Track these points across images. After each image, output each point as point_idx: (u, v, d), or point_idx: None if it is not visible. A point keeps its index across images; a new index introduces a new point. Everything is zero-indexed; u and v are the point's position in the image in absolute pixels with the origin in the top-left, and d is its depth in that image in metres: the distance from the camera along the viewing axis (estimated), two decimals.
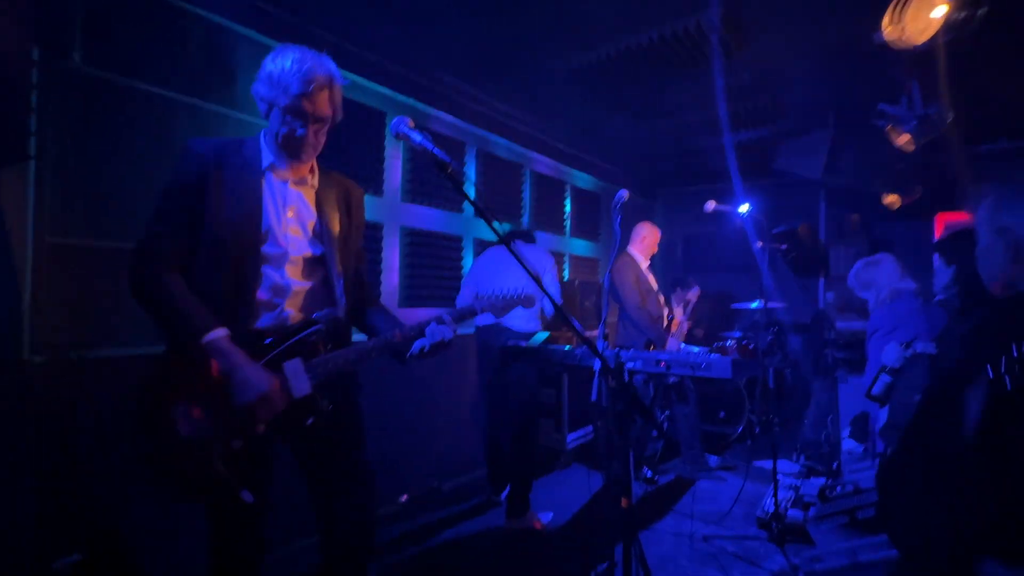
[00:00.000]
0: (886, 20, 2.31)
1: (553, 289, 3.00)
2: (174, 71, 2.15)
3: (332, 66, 1.41)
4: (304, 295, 1.45)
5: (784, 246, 4.55)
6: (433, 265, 3.44)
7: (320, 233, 1.48)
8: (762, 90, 3.65)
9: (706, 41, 2.91)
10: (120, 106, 2.01)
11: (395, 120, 1.36)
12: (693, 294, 4.48)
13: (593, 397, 1.98)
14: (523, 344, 2.72)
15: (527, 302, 1.59)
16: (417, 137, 1.33)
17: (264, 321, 1.41)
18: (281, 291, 1.42)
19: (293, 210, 1.46)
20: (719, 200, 3.24)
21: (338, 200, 1.54)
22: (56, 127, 1.86)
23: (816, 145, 4.04)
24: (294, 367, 1.36)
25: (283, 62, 1.36)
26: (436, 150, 1.29)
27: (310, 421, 1.38)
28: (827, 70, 3.32)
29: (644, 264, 3.88)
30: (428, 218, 3.44)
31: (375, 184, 3.08)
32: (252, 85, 1.42)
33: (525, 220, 4.32)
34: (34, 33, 1.76)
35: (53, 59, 1.84)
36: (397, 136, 1.37)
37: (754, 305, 4.39)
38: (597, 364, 2.01)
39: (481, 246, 3.82)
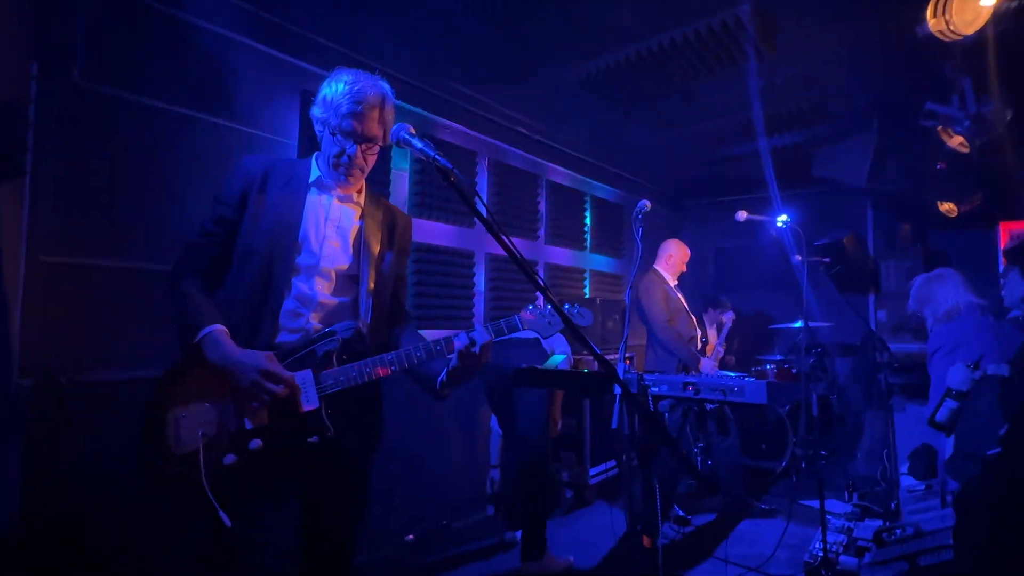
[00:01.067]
0: (930, 11, 2.29)
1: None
2: (173, 84, 2.24)
3: (386, 87, 1.53)
4: (331, 309, 1.52)
5: (827, 260, 4.47)
6: (442, 284, 3.47)
7: (358, 250, 1.56)
8: (797, 91, 3.64)
9: (734, 42, 2.92)
10: (119, 120, 2.10)
11: (395, 127, 1.40)
12: (728, 318, 4.42)
13: (613, 424, 1.94)
14: (537, 366, 2.70)
15: (584, 318, 1.54)
16: (418, 144, 1.36)
17: (285, 333, 1.46)
18: (308, 302, 1.49)
19: (334, 224, 1.55)
20: (753, 210, 3.21)
21: (383, 223, 1.64)
22: (54, 141, 1.95)
23: (859, 149, 4.00)
24: (304, 378, 1.38)
25: (337, 85, 1.48)
26: (438, 156, 1.31)
27: (314, 439, 1.39)
28: (868, 67, 3.30)
29: (672, 282, 3.85)
30: (437, 233, 3.48)
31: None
32: (310, 110, 1.53)
33: (542, 233, 4.33)
34: (33, 47, 1.86)
35: (52, 73, 1.94)
36: (398, 143, 1.40)
37: (795, 325, 4.30)
38: (618, 389, 1.98)
39: (494, 261, 3.84)
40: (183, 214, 2.18)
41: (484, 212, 1.28)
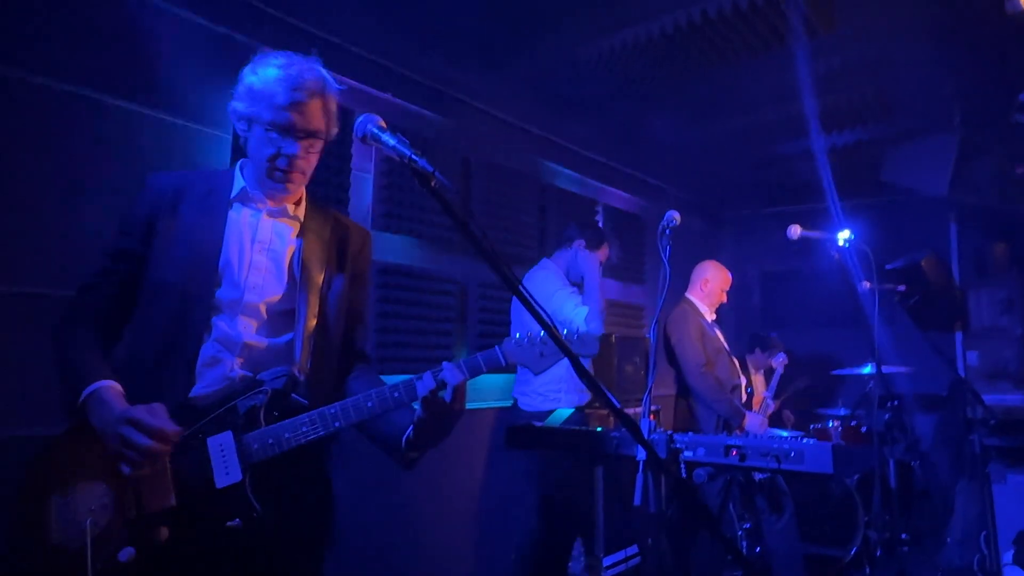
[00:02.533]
0: None
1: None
2: (77, 60, 2.25)
3: (324, 71, 1.57)
4: (261, 354, 1.52)
5: (902, 287, 4.52)
6: (415, 316, 3.46)
7: (294, 277, 1.57)
8: (861, 77, 3.73)
9: (781, 16, 3.01)
10: (3, 106, 2.10)
11: (361, 119, 1.41)
12: (779, 362, 4.43)
13: (637, 500, 1.93)
14: (537, 424, 2.69)
15: (586, 345, 1.50)
16: (390, 140, 1.37)
17: (204, 385, 1.46)
18: (231, 345, 1.50)
19: (263, 246, 1.57)
20: (808, 225, 3.26)
21: (330, 241, 1.65)
22: None
23: (939, 150, 4.09)
24: (222, 443, 1.37)
25: (265, 71, 1.50)
26: (415, 156, 1.32)
27: (234, 523, 1.35)
28: (946, 51, 3.40)
29: (709, 316, 3.87)
30: (408, 251, 3.49)
31: (338, 207, 3.15)
32: (229, 104, 1.55)
33: (543, 248, 4.36)
34: None
35: None
36: (364, 140, 1.41)
37: (864, 371, 4.32)
38: (641, 453, 1.97)
39: (483, 288, 3.85)
40: (85, 226, 2.17)
41: (472, 227, 1.29)
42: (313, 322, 1.56)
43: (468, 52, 3.42)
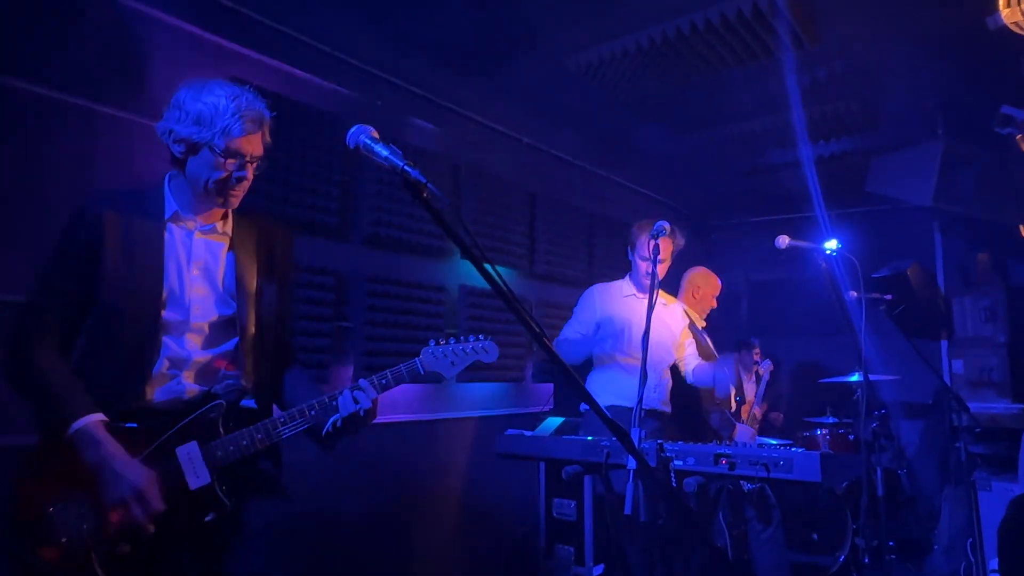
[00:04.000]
0: (1003, 0, 2.43)
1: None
2: (68, 69, 2.25)
3: (262, 102, 1.70)
4: (206, 365, 1.67)
5: (889, 296, 4.57)
6: (404, 324, 3.45)
7: (232, 290, 1.70)
8: (847, 90, 3.79)
9: (768, 28, 3.05)
10: (19, 116, 2.12)
11: (353, 130, 1.42)
12: (764, 368, 4.46)
13: (627, 509, 1.93)
14: (527, 434, 2.69)
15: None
16: (383, 151, 1.38)
17: (157, 397, 1.60)
18: (180, 363, 1.63)
19: (199, 266, 1.68)
20: (795, 235, 3.29)
21: (257, 250, 1.78)
22: None
23: (923, 160, 4.14)
24: (189, 452, 1.54)
25: (214, 100, 1.60)
26: (407, 167, 1.34)
27: (209, 518, 1.55)
28: (931, 64, 3.46)
29: (699, 322, 3.88)
30: (397, 262, 3.49)
31: (326, 216, 3.15)
32: (161, 124, 1.64)
33: (531, 255, 4.37)
34: None
35: None
36: (356, 150, 1.42)
37: (851, 379, 4.35)
38: (631, 462, 1.98)
39: (471, 295, 3.85)
40: None
41: (463, 236, 1.31)
42: (252, 331, 1.71)
43: (458, 61, 3.44)
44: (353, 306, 3.23)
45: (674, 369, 3.50)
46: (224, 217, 1.74)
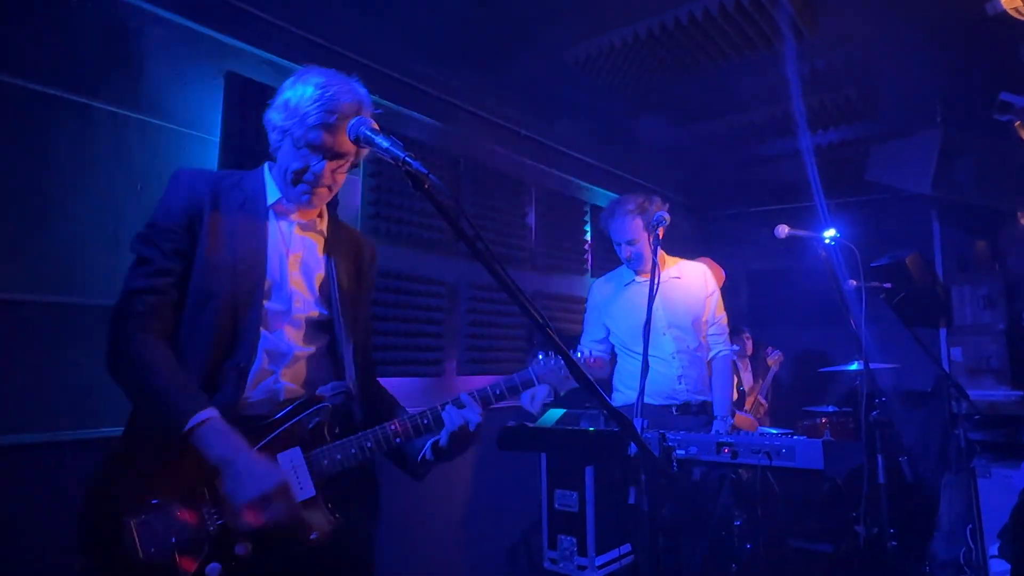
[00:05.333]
0: None
1: None
2: (59, 63, 2.23)
3: (363, 93, 1.58)
4: (305, 363, 1.57)
5: (888, 285, 4.57)
6: (408, 319, 3.45)
7: (327, 291, 1.63)
8: (845, 78, 3.78)
9: (767, 18, 3.04)
10: (14, 113, 2.09)
11: (353, 121, 1.42)
12: (774, 358, 4.43)
13: (631, 499, 1.94)
14: (529, 425, 2.70)
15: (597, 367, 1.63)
16: (384, 143, 1.38)
17: (254, 396, 1.49)
18: (278, 357, 1.53)
19: (298, 259, 1.61)
20: (795, 224, 3.29)
21: (348, 254, 1.72)
22: None
23: (921, 148, 4.13)
24: (292, 459, 1.39)
25: (304, 88, 1.53)
26: (408, 158, 1.33)
27: (314, 536, 1.38)
28: (928, 51, 3.45)
29: None
30: (399, 255, 3.48)
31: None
32: (264, 113, 1.58)
33: (531, 252, 4.36)
34: None
35: None
36: (356, 142, 1.42)
37: (851, 368, 4.36)
38: (634, 451, 1.98)
39: (471, 288, 3.84)
40: (73, 231, 2.16)
41: (466, 227, 1.30)
42: (348, 333, 1.62)
43: (458, 55, 3.42)
44: None
45: None
46: (321, 216, 1.69)
